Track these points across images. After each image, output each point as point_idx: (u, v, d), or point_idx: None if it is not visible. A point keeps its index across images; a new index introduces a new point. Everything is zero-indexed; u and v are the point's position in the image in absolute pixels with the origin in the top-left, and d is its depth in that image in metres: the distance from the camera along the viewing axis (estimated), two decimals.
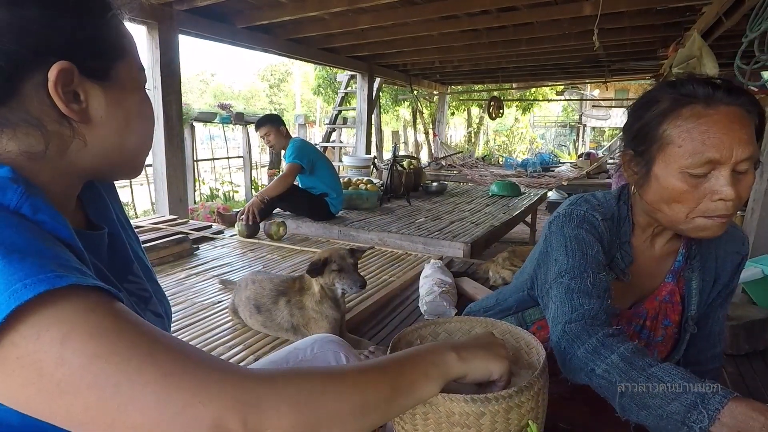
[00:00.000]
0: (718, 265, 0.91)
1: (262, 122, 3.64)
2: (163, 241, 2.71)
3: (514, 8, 3.92)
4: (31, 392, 0.37)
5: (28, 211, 0.42)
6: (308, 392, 0.42)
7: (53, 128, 0.47)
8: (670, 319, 0.93)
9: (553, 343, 0.79)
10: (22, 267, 0.37)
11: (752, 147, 0.71)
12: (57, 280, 0.37)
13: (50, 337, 0.36)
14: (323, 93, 11.08)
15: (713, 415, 0.57)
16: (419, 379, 0.52)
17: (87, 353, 0.36)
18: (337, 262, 1.52)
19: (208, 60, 40.07)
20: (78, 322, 0.37)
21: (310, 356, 0.84)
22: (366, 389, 0.46)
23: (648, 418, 0.64)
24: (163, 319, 0.67)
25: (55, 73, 0.44)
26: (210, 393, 0.38)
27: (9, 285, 0.36)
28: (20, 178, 0.44)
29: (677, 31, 4.29)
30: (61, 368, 0.36)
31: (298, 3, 3.74)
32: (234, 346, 1.70)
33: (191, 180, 5.71)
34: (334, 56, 5.64)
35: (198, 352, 0.41)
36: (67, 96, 0.46)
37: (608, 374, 0.68)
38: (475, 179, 7.46)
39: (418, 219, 3.99)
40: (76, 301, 0.38)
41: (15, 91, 0.44)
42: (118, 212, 0.67)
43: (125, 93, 0.52)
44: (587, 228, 0.86)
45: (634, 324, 0.94)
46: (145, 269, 0.67)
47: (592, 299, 0.80)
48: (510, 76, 8.48)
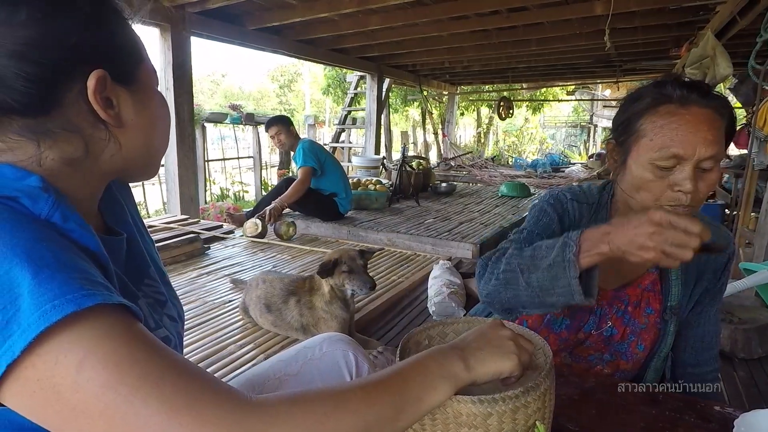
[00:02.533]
0: (701, 261, 0.93)
1: (272, 122, 3.68)
2: (175, 240, 2.75)
3: (525, 8, 3.90)
4: (50, 413, 0.38)
5: (58, 219, 0.44)
6: (312, 421, 0.42)
7: (91, 134, 0.50)
8: (652, 307, 0.95)
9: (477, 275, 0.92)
10: (50, 287, 0.38)
11: (717, 147, 0.77)
12: (84, 300, 0.38)
13: (67, 363, 0.37)
14: (332, 93, 11.11)
15: (576, 241, 0.75)
16: (427, 392, 0.51)
17: (100, 382, 0.37)
18: (347, 263, 1.54)
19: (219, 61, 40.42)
20: (94, 348, 0.38)
21: (318, 355, 0.85)
22: (370, 410, 0.46)
23: (543, 280, 0.77)
24: (177, 323, 0.68)
25: (94, 81, 0.47)
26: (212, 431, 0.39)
27: (39, 305, 0.37)
28: (50, 187, 0.46)
29: (690, 30, 4.23)
30: (77, 394, 0.37)
31: (308, 4, 3.77)
32: (244, 344, 1.72)
33: (202, 180, 5.77)
34: (343, 57, 5.66)
35: (204, 383, 0.41)
36: (104, 102, 0.48)
37: (508, 265, 0.83)
38: (484, 180, 7.43)
39: (427, 219, 4.00)
40: (96, 324, 0.39)
41: (56, 100, 0.46)
42: (133, 214, 0.68)
43: (148, 94, 0.55)
44: (552, 203, 0.99)
45: (615, 307, 0.97)
46: (159, 272, 0.69)
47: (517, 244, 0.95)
48: (520, 77, 8.43)
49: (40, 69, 0.44)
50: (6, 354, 0.36)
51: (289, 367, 0.83)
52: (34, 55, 0.44)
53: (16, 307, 0.37)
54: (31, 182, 0.45)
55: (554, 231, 0.95)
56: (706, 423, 0.77)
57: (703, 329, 0.95)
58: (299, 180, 3.59)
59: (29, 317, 0.37)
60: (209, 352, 1.66)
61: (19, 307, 0.37)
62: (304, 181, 3.57)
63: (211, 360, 1.61)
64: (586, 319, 1.00)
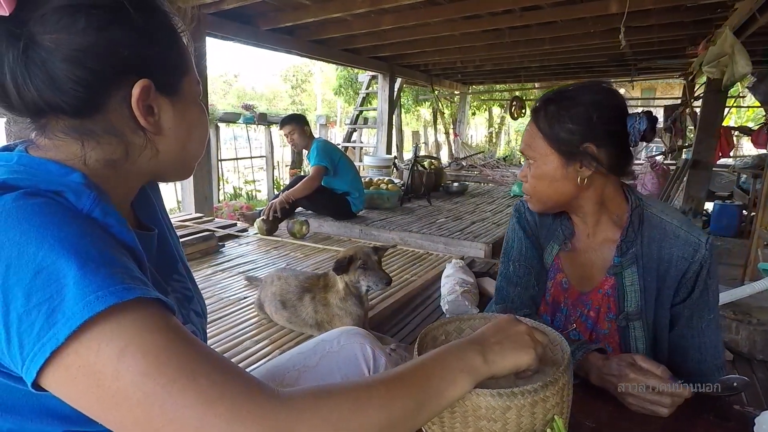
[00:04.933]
0: (661, 267, 0.92)
1: (287, 121, 3.71)
2: (191, 238, 2.79)
3: (538, 7, 3.87)
4: (91, 400, 0.40)
5: (99, 215, 0.46)
6: (338, 415, 0.44)
7: (130, 138, 0.53)
8: (613, 312, 0.96)
9: None
10: (95, 279, 0.40)
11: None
12: (125, 293, 0.40)
13: (109, 351, 0.39)
14: (344, 93, 11.15)
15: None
16: (448, 386, 0.53)
17: (139, 371, 0.39)
18: (363, 260, 1.55)
19: (232, 61, 40.77)
20: (134, 338, 0.40)
21: (336, 348, 0.86)
22: (394, 405, 0.47)
23: None
24: (201, 318, 0.70)
25: (138, 90, 0.50)
26: (245, 424, 0.40)
27: (84, 295, 0.39)
28: (92, 183, 0.48)
29: (707, 28, 4.16)
30: (117, 382, 0.39)
31: (321, 4, 3.79)
32: (260, 340, 1.75)
33: (215, 179, 5.84)
34: (355, 57, 5.68)
35: (237, 376, 0.43)
36: (145, 110, 0.51)
37: None
38: (496, 179, 7.40)
39: (439, 219, 3.99)
40: (136, 316, 0.41)
41: (101, 105, 0.49)
42: (161, 211, 0.70)
43: (188, 105, 0.58)
44: (517, 217, 1.08)
45: (579, 311, 1.00)
46: (186, 268, 0.71)
47: (511, 285, 1.06)
48: (533, 76, 8.36)
49: (91, 75, 0.47)
50: (51, 340, 0.38)
51: (308, 360, 0.85)
52: (87, 62, 0.46)
53: (61, 297, 0.39)
54: (75, 178, 0.48)
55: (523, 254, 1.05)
56: (725, 422, 0.76)
57: (699, 340, 0.93)
58: (310, 177, 3.61)
59: (74, 306, 0.38)
60: (226, 347, 1.68)
61: (64, 296, 0.39)
62: (314, 178, 3.59)
63: (228, 355, 1.63)
64: (555, 315, 1.04)
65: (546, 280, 1.05)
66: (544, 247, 1.05)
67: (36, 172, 0.47)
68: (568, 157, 0.90)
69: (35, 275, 0.39)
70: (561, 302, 1.02)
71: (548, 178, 0.93)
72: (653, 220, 0.94)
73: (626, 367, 0.79)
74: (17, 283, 0.39)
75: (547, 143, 0.91)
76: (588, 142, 0.88)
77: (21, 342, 0.39)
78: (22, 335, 0.38)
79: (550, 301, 1.04)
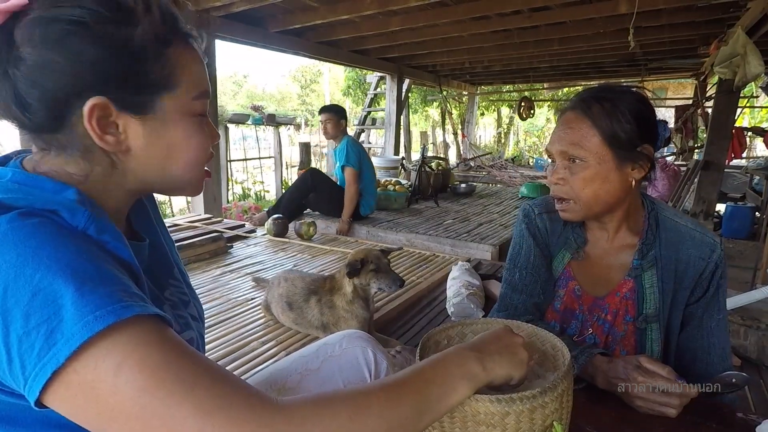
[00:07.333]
0: (678, 268, 0.92)
1: (327, 109, 3.77)
2: (200, 239, 2.82)
3: (547, 8, 3.85)
4: (91, 415, 0.41)
5: (93, 232, 0.47)
6: (337, 423, 0.44)
7: (99, 154, 0.52)
8: (631, 315, 0.96)
9: None
10: (92, 299, 0.40)
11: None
12: (123, 311, 0.41)
13: (106, 367, 0.40)
14: (352, 94, 11.17)
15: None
16: (447, 393, 0.53)
17: (137, 386, 0.40)
18: (374, 262, 1.56)
19: (241, 62, 41.05)
20: (131, 354, 0.40)
21: (339, 352, 0.87)
22: (393, 411, 0.47)
23: None
24: (199, 322, 0.71)
25: (88, 108, 0.48)
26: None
27: (82, 316, 0.39)
28: (86, 199, 0.49)
29: (719, 27, 4.11)
30: (115, 397, 0.40)
31: (329, 6, 3.81)
32: (267, 341, 1.76)
33: (224, 180, 5.89)
34: (364, 58, 5.70)
35: (234, 386, 0.43)
36: (104, 128, 0.50)
37: None
38: (504, 180, 7.37)
39: (446, 220, 3.99)
40: (132, 331, 0.41)
41: (64, 121, 0.49)
42: (155, 217, 0.71)
43: (168, 124, 0.54)
44: (526, 222, 1.04)
45: (596, 315, 0.99)
46: (181, 273, 0.71)
47: (516, 293, 1.02)
48: (542, 76, 8.31)
49: (48, 92, 0.47)
50: (51, 361, 0.39)
51: (310, 363, 0.85)
52: (41, 78, 0.46)
53: (59, 318, 0.40)
54: (69, 195, 0.48)
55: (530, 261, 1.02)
56: (728, 429, 0.76)
57: (707, 341, 0.92)
58: (348, 186, 3.66)
59: (72, 327, 0.39)
60: (232, 348, 1.70)
61: (62, 317, 0.40)
62: (352, 184, 3.64)
63: (234, 356, 1.65)
64: (569, 322, 1.02)
65: (553, 287, 1.03)
66: (553, 255, 1.03)
67: (30, 191, 0.47)
68: (622, 158, 0.86)
69: (33, 296, 0.40)
70: (576, 309, 1.01)
71: (600, 180, 0.87)
72: (667, 223, 0.94)
73: (633, 369, 0.79)
74: (16, 305, 0.40)
75: (603, 141, 0.86)
76: (645, 142, 0.87)
77: (23, 362, 0.40)
78: (23, 356, 0.39)
79: (561, 309, 1.03)
